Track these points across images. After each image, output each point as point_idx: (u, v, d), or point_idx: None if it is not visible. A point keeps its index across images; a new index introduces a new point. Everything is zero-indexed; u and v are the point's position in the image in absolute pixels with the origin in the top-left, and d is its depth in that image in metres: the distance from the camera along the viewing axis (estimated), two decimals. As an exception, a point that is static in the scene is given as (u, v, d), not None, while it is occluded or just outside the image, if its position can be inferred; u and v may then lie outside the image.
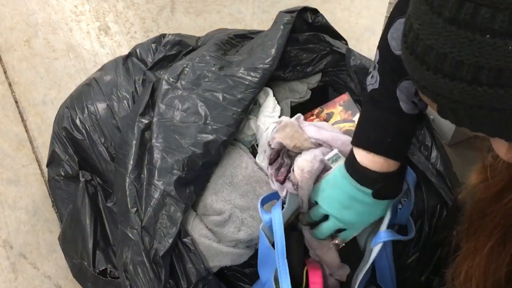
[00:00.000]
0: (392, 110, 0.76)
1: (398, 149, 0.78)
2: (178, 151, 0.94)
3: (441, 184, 0.95)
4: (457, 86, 0.47)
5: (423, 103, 0.77)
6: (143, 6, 1.54)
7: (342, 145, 0.86)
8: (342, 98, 1.08)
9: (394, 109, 0.76)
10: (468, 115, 0.49)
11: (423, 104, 0.77)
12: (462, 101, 0.48)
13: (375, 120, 0.78)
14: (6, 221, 1.22)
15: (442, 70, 0.48)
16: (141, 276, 0.87)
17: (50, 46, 1.47)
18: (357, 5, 1.55)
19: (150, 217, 0.90)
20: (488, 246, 0.62)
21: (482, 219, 0.63)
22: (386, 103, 0.77)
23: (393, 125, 0.77)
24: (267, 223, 0.83)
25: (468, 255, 0.65)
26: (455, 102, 0.49)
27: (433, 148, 1.01)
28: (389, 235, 0.81)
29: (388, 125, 0.77)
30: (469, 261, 0.65)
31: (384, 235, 0.81)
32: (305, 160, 0.83)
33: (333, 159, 0.84)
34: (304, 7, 1.11)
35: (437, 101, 0.51)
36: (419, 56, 0.50)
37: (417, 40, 0.49)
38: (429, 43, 0.48)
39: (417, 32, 0.49)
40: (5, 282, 1.14)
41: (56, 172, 1.09)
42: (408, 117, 0.77)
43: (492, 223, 0.62)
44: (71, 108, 1.10)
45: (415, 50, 0.50)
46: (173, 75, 1.04)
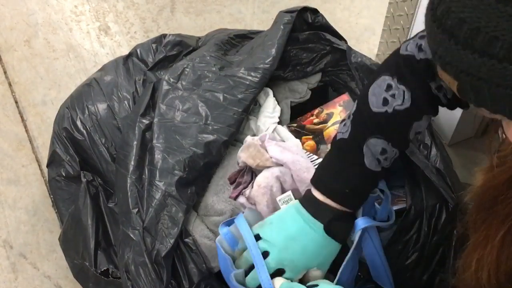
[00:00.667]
0: (355, 163, 0.77)
1: (354, 201, 0.79)
2: (179, 152, 0.94)
3: (441, 183, 0.95)
4: (486, 63, 0.46)
5: (387, 162, 0.78)
6: (143, 6, 1.54)
7: (300, 170, 0.88)
8: (342, 98, 1.08)
9: (357, 163, 0.77)
10: (492, 95, 0.48)
11: (387, 162, 0.78)
12: (488, 80, 0.47)
13: (337, 170, 0.78)
14: (6, 221, 1.22)
15: (473, 46, 0.46)
16: (143, 276, 0.87)
17: (50, 46, 1.47)
18: (357, 5, 1.55)
19: (152, 217, 0.90)
20: (500, 234, 0.61)
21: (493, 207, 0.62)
22: (351, 156, 0.77)
23: (353, 178, 0.77)
24: (224, 235, 0.83)
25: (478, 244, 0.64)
26: (480, 80, 0.47)
27: (433, 146, 1.01)
28: (367, 221, 0.80)
29: (349, 177, 0.77)
30: (480, 251, 0.64)
31: (361, 222, 0.80)
32: (263, 176, 0.88)
33: (284, 200, 0.86)
34: (304, 7, 1.11)
35: (459, 78, 0.50)
36: (448, 30, 0.48)
37: (448, 13, 0.47)
38: (462, 16, 0.46)
39: (449, 4, 0.47)
40: (5, 282, 1.14)
41: (57, 173, 1.09)
42: (370, 173, 0.77)
43: (504, 210, 0.61)
44: (71, 108, 1.10)
45: (444, 24, 0.48)
46: (174, 76, 1.04)
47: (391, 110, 0.74)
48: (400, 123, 0.76)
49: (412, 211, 0.94)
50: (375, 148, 0.76)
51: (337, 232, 0.78)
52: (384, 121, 0.75)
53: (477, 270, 0.64)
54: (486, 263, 0.63)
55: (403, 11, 1.23)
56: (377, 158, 0.77)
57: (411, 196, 0.96)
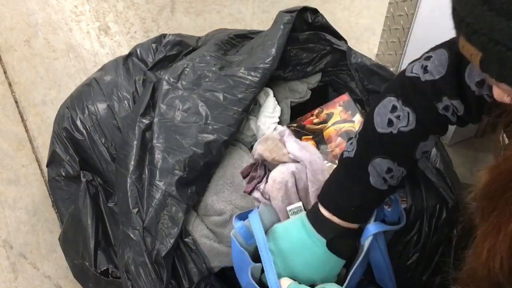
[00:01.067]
0: (361, 182, 0.77)
1: (359, 218, 0.79)
2: (179, 151, 0.94)
3: (441, 183, 0.95)
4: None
5: (394, 180, 0.77)
6: (143, 6, 1.54)
7: (316, 171, 0.87)
8: (342, 98, 1.08)
9: (363, 182, 0.76)
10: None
11: (394, 181, 0.77)
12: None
13: (343, 187, 0.78)
14: (6, 221, 1.22)
15: (509, 12, 0.45)
16: (143, 276, 0.87)
17: (50, 46, 1.47)
18: (357, 5, 1.55)
19: (152, 217, 0.90)
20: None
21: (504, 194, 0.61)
22: (357, 174, 0.77)
23: (359, 196, 0.77)
24: (239, 229, 0.83)
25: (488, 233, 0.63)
26: (510, 51, 0.46)
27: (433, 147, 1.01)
28: (378, 227, 0.80)
29: (354, 195, 0.77)
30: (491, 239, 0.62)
31: (373, 227, 0.80)
32: (278, 171, 0.87)
33: (294, 210, 0.86)
34: (304, 7, 1.11)
35: (487, 48, 0.48)
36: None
37: None
38: None
39: None
40: (5, 282, 1.14)
41: (57, 172, 1.08)
42: (376, 191, 0.77)
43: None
44: (71, 108, 1.10)
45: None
46: (174, 75, 1.04)
47: (396, 132, 0.74)
48: (405, 144, 0.76)
49: (413, 211, 0.94)
50: (380, 167, 0.76)
51: (340, 248, 0.78)
52: (389, 142, 0.75)
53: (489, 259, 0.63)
54: (499, 251, 0.61)
55: (403, 11, 1.23)
56: (383, 177, 0.76)
57: (411, 196, 0.96)
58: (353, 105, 1.06)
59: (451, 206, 0.94)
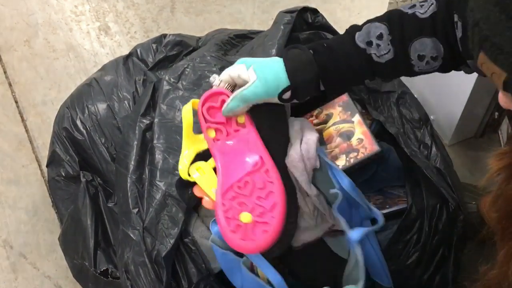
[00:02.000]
0: (346, 32, 0.78)
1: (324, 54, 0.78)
2: (180, 152, 0.94)
3: (441, 183, 0.95)
4: None
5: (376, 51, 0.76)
6: (143, 6, 1.54)
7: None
8: (341, 98, 1.08)
9: (348, 32, 0.78)
10: None
11: (376, 52, 0.76)
12: None
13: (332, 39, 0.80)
14: (6, 221, 1.22)
15: None
16: (143, 276, 0.87)
17: (50, 46, 1.47)
18: (357, 5, 1.55)
19: (152, 217, 0.90)
20: None
21: None
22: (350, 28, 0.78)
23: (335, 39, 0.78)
24: (216, 233, 0.82)
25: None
26: None
27: (433, 146, 1.01)
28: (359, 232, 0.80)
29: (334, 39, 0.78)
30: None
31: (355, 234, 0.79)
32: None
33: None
34: (304, 7, 1.11)
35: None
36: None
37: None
38: None
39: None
40: (5, 282, 1.14)
41: (57, 172, 1.08)
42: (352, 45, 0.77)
43: None
44: (71, 108, 1.10)
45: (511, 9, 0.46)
46: (174, 76, 1.04)
47: (411, 13, 0.75)
48: (409, 27, 0.75)
49: (413, 211, 0.94)
50: (375, 29, 0.76)
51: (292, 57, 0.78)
52: (397, 17, 0.76)
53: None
54: None
55: (403, 11, 1.23)
56: (369, 40, 0.76)
57: (411, 196, 0.96)
58: (353, 105, 1.06)
59: (452, 206, 0.94)
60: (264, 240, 0.72)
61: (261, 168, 0.77)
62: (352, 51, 0.77)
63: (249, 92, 0.77)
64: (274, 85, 0.76)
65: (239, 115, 0.82)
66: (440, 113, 1.24)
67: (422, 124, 1.04)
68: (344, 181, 0.82)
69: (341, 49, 0.77)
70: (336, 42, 0.78)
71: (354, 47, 0.77)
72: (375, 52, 0.76)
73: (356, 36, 0.77)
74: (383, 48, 0.76)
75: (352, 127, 1.04)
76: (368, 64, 0.78)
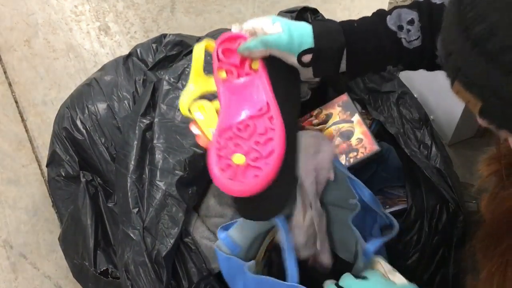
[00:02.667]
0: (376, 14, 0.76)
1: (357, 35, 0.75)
2: (180, 152, 0.94)
3: (441, 183, 0.95)
4: None
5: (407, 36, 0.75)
6: (143, 6, 1.54)
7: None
8: (341, 98, 1.08)
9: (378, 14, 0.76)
10: None
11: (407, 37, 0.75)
12: None
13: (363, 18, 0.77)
14: (6, 221, 1.22)
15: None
16: (143, 276, 0.87)
17: (50, 46, 1.47)
18: (357, 5, 1.55)
19: (152, 217, 0.90)
20: None
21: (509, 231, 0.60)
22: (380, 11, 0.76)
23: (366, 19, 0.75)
24: (223, 239, 0.81)
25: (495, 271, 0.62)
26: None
27: (433, 147, 1.01)
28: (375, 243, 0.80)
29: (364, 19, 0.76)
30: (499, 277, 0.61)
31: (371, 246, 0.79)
32: None
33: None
34: (304, 7, 1.11)
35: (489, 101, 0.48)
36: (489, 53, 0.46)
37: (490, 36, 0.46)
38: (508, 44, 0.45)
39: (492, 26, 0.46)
40: (5, 282, 1.14)
41: (57, 172, 1.09)
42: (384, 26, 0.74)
43: None
44: (71, 108, 1.10)
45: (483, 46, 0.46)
46: (174, 75, 1.04)
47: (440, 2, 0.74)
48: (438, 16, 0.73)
49: (413, 211, 0.94)
50: (405, 14, 0.74)
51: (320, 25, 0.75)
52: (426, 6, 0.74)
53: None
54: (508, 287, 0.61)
55: (403, 11, 1.22)
56: (401, 24, 0.74)
57: (411, 196, 0.96)
58: (352, 105, 1.06)
59: (452, 206, 0.94)
60: (253, 184, 0.67)
61: (266, 114, 0.74)
62: (382, 32, 0.75)
63: (271, 38, 0.74)
64: (298, 41, 0.74)
65: (254, 57, 0.77)
66: (440, 113, 1.24)
67: (422, 124, 1.04)
68: (365, 193, 0.82)
69: (371, 28, 0.75)
70: (366, 21, 0.76)
71: (384, 29, 0.75)
72: (405, 37, 0.75)
73: (388, 18, 0.75)
74: (413, 33, 0.74)
75: (351, 127, 1.04)
76: (396, 48, 0.76)
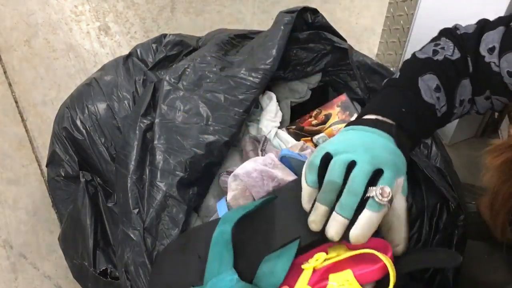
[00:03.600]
0: (410, 91, 0.70)
1: (411, 120, 0.68)
2: (180, 152, 0.94)
3: (442, 183, 0.95)
4: None
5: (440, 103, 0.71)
6: (143, 6, 1.54)
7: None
8: (340, 99, 1.08)
9: (412, 92, 0.70)
10: None
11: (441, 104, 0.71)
12: None
13: (390, 97, 0.70)
14: (6, 221, 1.22)
15: None
16: (142, 277, 0.87)
17: (50, 46, 1.47)
18: (357, 5, 1.55)
19: (152, 218, 0.90)
20: None
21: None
22: (406, 87, 0.71)
23: (408, 101, 0.69)
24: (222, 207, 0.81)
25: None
26: None
27: (433, 146, 1.01)
28: None
29: (404, 100, 0.69)
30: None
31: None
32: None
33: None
34: (304, 7, 1.11)
35: None
36: None
37: None
38: None
39: None
40: (5, 282, 1.14)
41: (56, 172, 1.08)
42: (426, 103, 0.70)
43: None
44: (71, 108, 1.10)
45: None
46: (175, 76, 1.04)
47: (442, 58, 0.72)
48: (451, 73, 0.71)
49: (413, 210, 0.94)
50: (429, 82, 0.70)
51: (403, 143, 0.65)
52: (435, 65, 0.71)
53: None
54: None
55: (403, 11, 1.23)
56: (431, 94, 0.70)
57: (411, 195, 0.96)
58: (351, 105, 1.06)
59: (452, 205, 0.94)
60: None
61: None
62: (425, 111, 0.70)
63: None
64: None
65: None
66: (440, 113, 1.24)
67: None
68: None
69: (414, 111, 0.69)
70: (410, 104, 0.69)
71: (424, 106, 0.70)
72: (437, 107, 0.71)
73: (422, 92, 0.70)
74: (442, 100, 0.71)
75: (351, 127, 1.04)
76: (435, 119, 0.72)
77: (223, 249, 0.64)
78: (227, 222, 0.67)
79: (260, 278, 0.62)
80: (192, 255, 0.69)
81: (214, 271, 0.63)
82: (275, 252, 0.63)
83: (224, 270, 0.63)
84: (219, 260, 0.64)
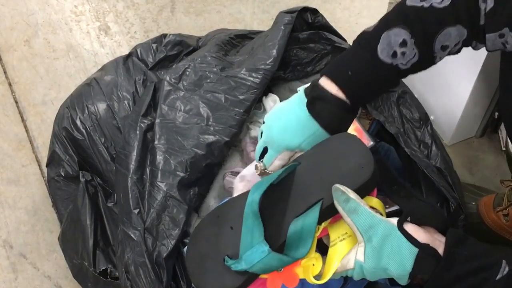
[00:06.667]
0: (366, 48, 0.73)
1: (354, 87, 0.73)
2: (181, 153, 0.94)
3: (442, 182, 0.95)
4: None
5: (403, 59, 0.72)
6: (143, 6, 1.54)
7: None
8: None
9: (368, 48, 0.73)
10: None
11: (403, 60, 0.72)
12: None
13: (346, 56, 0.75)
14: (6, 221, 1.21)
15: None
16: (143, 277, 0.87)
17: (50, 46, 1.47)
18: (357, 5, 1.55)
19: (153, 218, 0.90)
20: None
21: None
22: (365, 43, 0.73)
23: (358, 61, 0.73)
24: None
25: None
26: None
27: (433, 146, 1.01)
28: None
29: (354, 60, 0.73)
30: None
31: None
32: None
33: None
34: (304, 7, 1.11)
35: None
36: None
37: None
38: None
39: None
40: (5, 282, 1.14)
41: (56, 172, 1.08)
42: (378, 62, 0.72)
43: None
44: (71, 108, 1.10)
45: None
46: (175, 76, 1.04)
47: (428, 5, 0.71)
48: (431, 23, 0.71)
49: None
50: (395, 37, 0.71)
51: (321, 113, 0.73)
52: (414, 15, 0.71)
53: None
54: None
55: (403, 11, 1.23)
56: (394, 51, 0.71)
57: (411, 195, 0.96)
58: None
59: (453, 205, 0.94)
60: None
61: None
62: (378, 70, 0.73)
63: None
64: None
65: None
66: (440, 113, 1.24)
67: (422, 124, 1.04)
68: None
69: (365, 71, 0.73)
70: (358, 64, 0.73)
71: (380, 65, 0.72)
72: (401, 62, 0.72)
73: (378, 50, 0.72)
74: (409, 54, 0.72)
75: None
76: (394, 73, 0.74)
77: (254, 222, 0.70)
78: (255, 191, 0.71)
79: (290, 245, 0.69)
80: (224, 227, 0.74)
81: (248, 245, 0.69)
82: (301, 215, 0.70)
83: (256, 243, 0.69)
84: (251, 233, 0.70)
